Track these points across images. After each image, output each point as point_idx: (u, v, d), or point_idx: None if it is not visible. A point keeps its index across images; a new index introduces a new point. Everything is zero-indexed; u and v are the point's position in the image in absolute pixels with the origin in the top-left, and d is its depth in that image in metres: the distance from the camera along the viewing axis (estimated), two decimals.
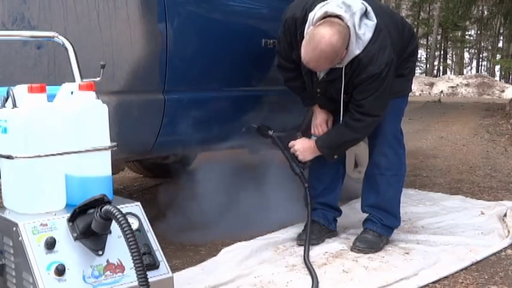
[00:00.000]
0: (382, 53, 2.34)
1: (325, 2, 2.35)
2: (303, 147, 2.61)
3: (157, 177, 4.14)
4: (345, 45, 2.27)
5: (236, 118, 2.76)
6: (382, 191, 2.62)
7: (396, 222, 2.69)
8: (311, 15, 2.33)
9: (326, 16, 2.28)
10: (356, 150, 3.54)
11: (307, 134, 2.70)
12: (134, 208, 1.66)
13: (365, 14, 2.32)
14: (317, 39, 2.22)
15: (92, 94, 1.63)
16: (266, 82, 2.87)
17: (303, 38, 2.33)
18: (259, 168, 3.07)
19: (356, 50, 2.30)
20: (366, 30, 2.30)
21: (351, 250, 2.54)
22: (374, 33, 2.32)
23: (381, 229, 2.63)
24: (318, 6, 2.34)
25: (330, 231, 2.73)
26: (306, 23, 2.35)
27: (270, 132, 2.70)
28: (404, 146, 2.70)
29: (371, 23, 2.32)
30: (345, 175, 2.82)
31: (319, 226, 2.67)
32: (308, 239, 2.50)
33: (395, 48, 2.42)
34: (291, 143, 2.63)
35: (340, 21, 2.26)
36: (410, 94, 2.75)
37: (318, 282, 2.14)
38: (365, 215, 2.70)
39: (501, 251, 2.60)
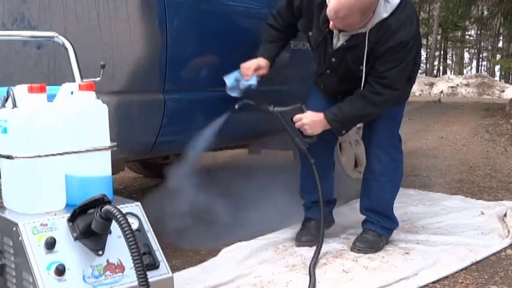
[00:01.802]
0: (410, 22, 2.27)
1: None
2: (312, 121, 2.46)
3: (157, 177, 4.14)
4: (375, 4, 2.19)
5: (236, 118, 2.75)
6: (375, 196, 2.62)
7: (394, 223, 2.69)
8: None
9: None
10: (356, 150, 3.54)
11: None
12: (134, 208, 1.66)
13: None
14: None
15: (92, 94, 1.63)
16: (266, 82, 2.86)
17: (321, 2, 2.30)
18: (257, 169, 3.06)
19: (383, 13, 2.22)
20: None
21: (351, 250, 2.54)
22: (402, 2, 2.25)
23: (380, 229, 2.63)
24: None
25: (328, 222, 2.69)
26: None
27: (271, 108, 2.53)
28: (402, 150, 2.67)
29: None
30: (334, 166, 2.77)
31: (316, 223, 2.63)
32: (322, 237, 2.47)
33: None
34: (298, 117, 2.49)
35: None
36: (410, 94, 2.73)
37: (315, 281, 2.14)
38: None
39: (501, 251, 2.60)
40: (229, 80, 2.52)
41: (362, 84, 2.34)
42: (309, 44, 2.58)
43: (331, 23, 2.25)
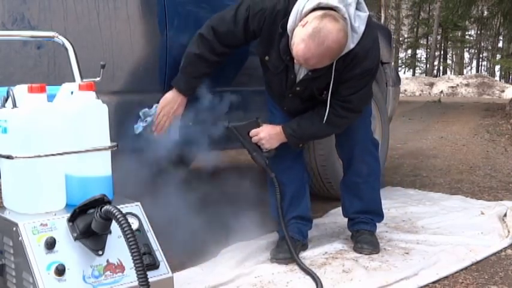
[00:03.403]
0: (375, 48, 2.26)
1: None
2: (269, 135, 2.39)
3: None
4: (345, 45, 2.11)
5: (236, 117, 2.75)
6: (367, 197, 2.62)
7: (382, 218, 2.72)
8: (298, 7, 2.12)
9: (318, 8, 2.08)
10: None
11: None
12: (134, 208, 1.66)
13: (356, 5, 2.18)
14: (323, 35, 2.02)
15: (92, 94, 1.63)
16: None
17: (282, 32, 2.18)
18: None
19: (351, 44, 2.14)
20: (360, 22, 2.15)
21: (359, 252, 2.51)
22: (366, 26, 2.17)
23: (374, 228, 2.65)
24: None
25: (303, 244, 2.56)
26: (288, 16, 2.15)
27: (226, 124, 2.43)
28: (378, 144, 2.69)
29: (363, 14, 2.17)
30: (309, 181, 2.69)
31: (294, 242, 2.43)
32: (289, 241, 2.36)
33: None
34: (254, 131, 2.41)
35: (338, 14, 2.08)
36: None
37: (321, 283, 2.14)
38: None
39: (501, 251, 2.60)
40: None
41: (327, 110, 2.27)
42: (262, 65, 2.42)
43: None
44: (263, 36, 2.28)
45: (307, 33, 2.05)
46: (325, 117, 2.29)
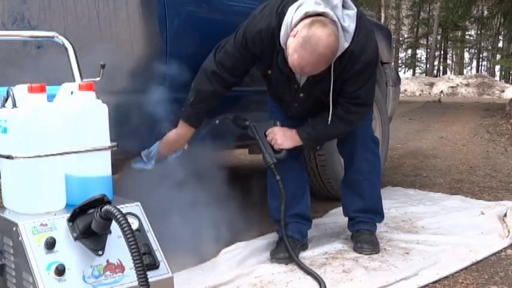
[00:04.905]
0: (370, 40, 2.27)
1: (297, 2, 2.18)
2: (284, 134, 2.43)
3: None
4: (337, 49, 2.15)
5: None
6: (368, 195, 2.62)
7: (382, 217, 2.72)
8: (287, 20, 2.16)
9: (306, 17, 2.12)
10: None
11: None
12: (134, 208, 1.66)
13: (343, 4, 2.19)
14: (314, 42, 2.06)
15: (92, 94, 1.63)
16: None
17: (279, 46, 2.22)
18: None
19: (344, 43, 2.17)
20: (349, 21, 2.18)
21: (359, 253, 2.51)
22: (357, 22, 2.20)
23: (374, 227, 2.65)
24: (292, 8, 2.17)
25: (303, 244, 2.56)
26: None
27: (247, 122, 2.51)
28: (379, 142, 2.71)
29: (351, 12, 2.20)
30: (309, 181, 2.70)
31: (293, 242, 2.46)
32: (287, 244, 2.37)
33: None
34: (271, 129, 2.46)
35: (327, 19, 2.12)
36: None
37: (325, 284, 2.14)
38: None
39: (501, 251, 2.60)
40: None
41: (331, 108, 2.29)
42: (264, 79, 2.47)
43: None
44: (264, 54, 2.32)
45: (298, 43, 2.10)
46: (330, 117, 2.31)
